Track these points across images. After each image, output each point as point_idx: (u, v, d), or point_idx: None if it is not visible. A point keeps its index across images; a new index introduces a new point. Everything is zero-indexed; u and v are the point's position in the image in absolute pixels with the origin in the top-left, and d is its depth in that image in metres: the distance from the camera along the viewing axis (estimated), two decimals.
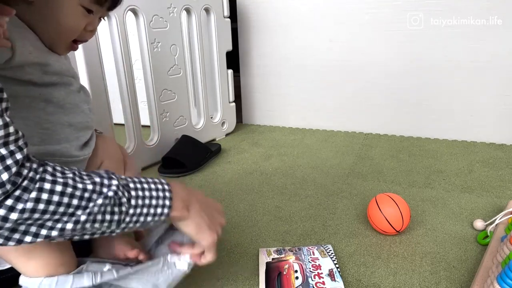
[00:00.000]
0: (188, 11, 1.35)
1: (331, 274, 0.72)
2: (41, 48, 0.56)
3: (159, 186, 0.53)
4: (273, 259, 0.78)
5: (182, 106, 1.39)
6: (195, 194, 0.60)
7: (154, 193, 0.52)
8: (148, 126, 1.33)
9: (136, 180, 0.52)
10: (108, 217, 0.47)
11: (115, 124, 1.18)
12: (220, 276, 0.76)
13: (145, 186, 0.52)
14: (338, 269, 0.74)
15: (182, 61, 1.34)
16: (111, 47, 1.14)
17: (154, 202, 0.52)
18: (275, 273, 0.74)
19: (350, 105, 1.61)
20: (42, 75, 0.55)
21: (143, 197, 0.51)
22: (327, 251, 0.80)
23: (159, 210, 0.52)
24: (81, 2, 0.55)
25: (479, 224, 0.88)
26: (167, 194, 0.53)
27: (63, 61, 0.61)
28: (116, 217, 0.48)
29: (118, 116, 1.24)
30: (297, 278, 0.72)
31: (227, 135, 1.65)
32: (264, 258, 0.78)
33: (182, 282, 0.74)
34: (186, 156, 1.26)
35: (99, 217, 0.46)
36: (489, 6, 1.30)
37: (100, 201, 0.46)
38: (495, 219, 0.85)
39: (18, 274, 0.58)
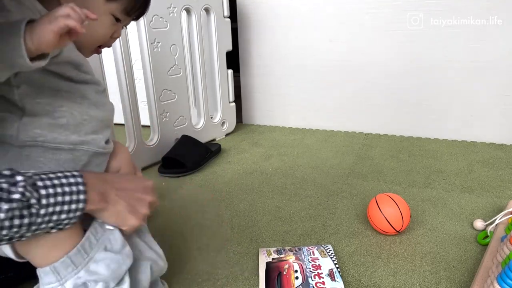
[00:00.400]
0: (188, 11, 1.35)
1: (331, 274, 0.72)
2: (75, 49, 0.59)
3: (72, 180, 0.49)
4: (273, 259, 0.78)
5: (182, 106, 1.39)
6: (113, 181, 0.58)
7: (66, 189, 0.48)
8: (148, 126, 1.33)
9: (44, 176, 0.48)
10: (17, 221, 0.44)
11: (115, 124, 1.17)
12: (220, 276, 0.76)
13: (56, 182, 0.48)
14: (338, 269, 0.74)
15: (182, 61, 1.34)
16: (111, 47, 1.14)
17: (67, 198, 0.48)
18: (275, 273, 0.74)
19: (350, 105, 1.61)
20: (78, 72, 0.58)
21: (55, 195, 0.47)
22: (327, 251, 0.80)
23: (73, 206, 0.49)
24: (111, 11, 0.59)
25: (479, 224, 0.88)
26: (80, 187, 0.50)
27: (89, 63, 0.65)
28: (26, 221, 0.44)
29: (118, 116, 1.24)
30: (297, 278, 0.72)
31: (227, 135, 1.65)
32: (264, 258, 0.78)
33: (182, 282, 0.74)
34: (186, 156, 1.26)
35: (6, 223, 0.43)
36: (489, 6, 1.30)
37: (6, 206, 0.42)
38: (495, 219, 0.85)
39: (18, 276, 0.58)
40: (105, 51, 1.09)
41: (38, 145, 0.54)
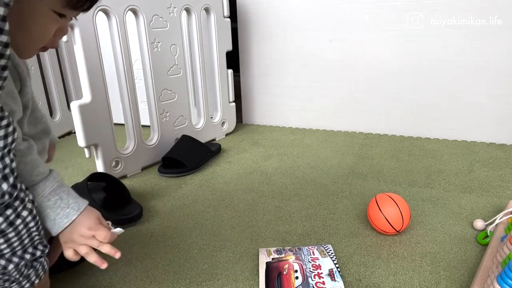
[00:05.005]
0: (188, 11, 1.35)
1: (331, 274, 0.72)
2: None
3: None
4: (273, 259, 0.78)
5: (182, 106, 1.39)
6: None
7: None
8: (148, 126, 1.33)
9: None
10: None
11: (115, 124, 1.18)
12: (220, 276, 0.76)
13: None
14: (338, 269, 0.74)
15: (182, 61, 1.34)
16: (111, 47, 1.14)
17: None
18: (275, 273, 0.74)
19: (350, 105, 1.61)
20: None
21: None
22: (327, 251, 0.80)
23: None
24: (52, 7, 0.50)
25: (479, 224, 0.88)
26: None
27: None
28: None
29: (118, 116, 1.24)
30: (297, 278, 0.72)
31: (227, 135, 1.65)
32: (264, 258, 0.78)
33: (182, 282, 0.74)
34: (186, 156, 1.26)
35: None
36: (489, 6, 1.30)
37: None
38: (495, 219, 0.85)
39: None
40: (105, 51, 1.10)
41: None
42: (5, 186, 0.44)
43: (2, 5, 0.39)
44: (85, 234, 0.57)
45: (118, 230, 0.61)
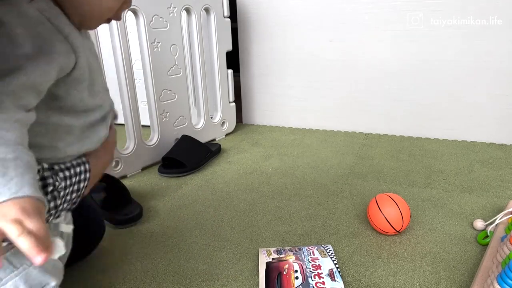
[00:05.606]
0: (188, 11, 1.35)
1: (331, 274, 0.73)
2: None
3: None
4: (273, 259, 0.78)
5: (182, 106, 1.39)
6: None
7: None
8: (148, 126, 1.33)
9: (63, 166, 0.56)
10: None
11: (115, 124, 1.17)
12: (220, 276, 0.76)
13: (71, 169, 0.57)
14: (338, 269, 0.74)
15: (182, 61, 1.34)
16: (111, 47, 1.14)
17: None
18: (275, 273, 0.74)
19: (350, 105, 1.61)
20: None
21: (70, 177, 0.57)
22: (327, 251, 0.80)
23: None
24: None
25: (479, 224, 0.88)
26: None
27: None
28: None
29: (118, 116, 1.24)
30: (297, 278, 0.72)
31: (227, 135, 1.65)
32: (264, 258, 0.78)
33: (182, 282, 0.74)
34: (186, 156, 1.26)
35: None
36: (489, 6, 1.30)
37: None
38: (495, 219, 0.85)
39: None
40: (105, 51, 1.10)
41: None
42: None
43: None
44: (10, 215, 0.37)
45: (60, 242, 0.41)
